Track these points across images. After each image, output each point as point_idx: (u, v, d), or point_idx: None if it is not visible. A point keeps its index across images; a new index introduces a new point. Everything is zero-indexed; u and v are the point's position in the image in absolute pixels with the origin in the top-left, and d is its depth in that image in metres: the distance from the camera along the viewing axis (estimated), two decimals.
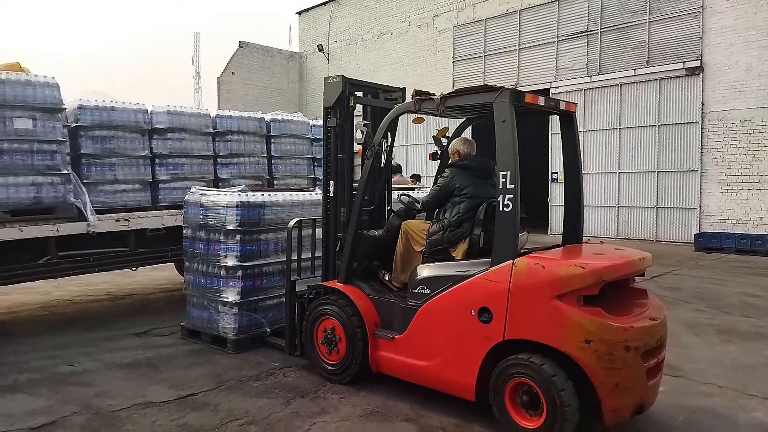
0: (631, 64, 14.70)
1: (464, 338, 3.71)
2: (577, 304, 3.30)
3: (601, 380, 3.24)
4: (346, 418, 3.86)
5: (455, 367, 3.77)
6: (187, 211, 5.76)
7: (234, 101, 20.96)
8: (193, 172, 7.17)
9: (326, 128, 4.75)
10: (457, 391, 3.82)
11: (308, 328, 4.64)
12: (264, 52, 23.22)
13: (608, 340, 3.23)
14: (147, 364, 5.02)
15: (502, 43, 17.38)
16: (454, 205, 4.16)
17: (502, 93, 3.67)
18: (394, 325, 4.19)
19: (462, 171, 4.26)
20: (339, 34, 22.60)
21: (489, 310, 3.56)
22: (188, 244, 5.72)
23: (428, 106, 4.16)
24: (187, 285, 5.79)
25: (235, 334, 5.29)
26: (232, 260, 5.28)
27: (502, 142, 3.63)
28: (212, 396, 4.25)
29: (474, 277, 3.70)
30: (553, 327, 3.33)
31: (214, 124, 7.47)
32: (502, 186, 3.59)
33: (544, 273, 3.40)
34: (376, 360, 4.25)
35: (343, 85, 4.62)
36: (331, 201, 4.75)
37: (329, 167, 4.77)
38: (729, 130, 13.16)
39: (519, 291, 3.45)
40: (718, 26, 13.25)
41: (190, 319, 5.76)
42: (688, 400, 4.22)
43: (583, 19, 15.56)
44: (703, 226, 13.52)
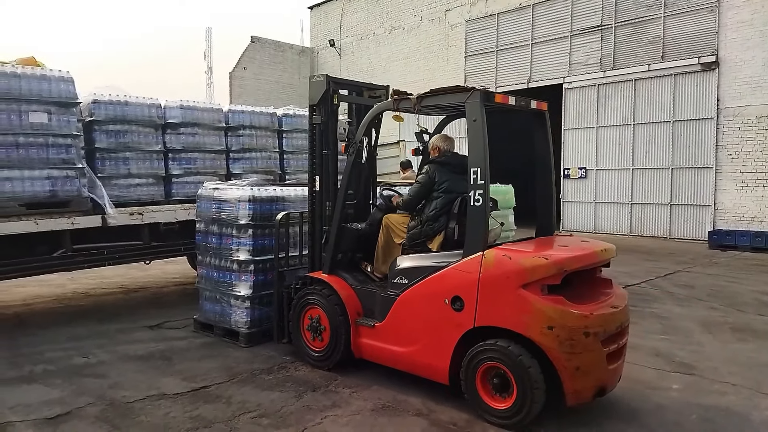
0: (645, 59, 14.53)
1: (438, 325, 3.93)
2: (541, 292, 3.53)
3: (562, 364, 3.47)
4: (358, 412, 3.87)
5: (430, 353, 3.99)
6: (200, 205, 5.77)
7: (246, 96, 21.00)
8: (205, 167, 7.22)
9: (311, 125, 4.93)
10: (433, 375, 4.03)
11: (295, 316, 4.85)
12: (276, 47, 23.23)
13: (569, 326, 3.46)
14: (160, 357, 5.07)
15: (514, 37, 17.26)
16: (431, 201, 4.36)
17: (473, 93, 3.87)
18: (375, 313, 4.40)
19: (440, 167, 4.44)
20: (350, 29, 22.56)
21: (461, 298, 3.79)
22: (201, 238, 5.74)
23: (406, 105, 4.37)
24: (199, 278, 5.81)
25: (247, 328, 5.31)
26: (244, 254, 5.29)
27: (473, 140, 3.84)
28: (225, 389, 4.28)
29: (447, 267, 3.91)
30: (518, 314, 3.57)
31: (226, 119, 7.51)
32: (473, 182, 3.80)
33: (511, 264, 3.64)
34: (358, 346, 4.46)
35: (326, 83, 4.80)
36: (316, 195, 4.91)
37: (315, 163, 4.93)
38: (745, 127, 12.99)
39: (488, 281, 3.68)
40: (735, 21, 13.06)
41: (202, 312, 5.78)
42: (702, 398, 4.19)
43: (597, 14, 15.40)
44: (717, 224, 13.37)
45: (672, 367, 4.85)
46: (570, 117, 16.07)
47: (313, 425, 3.66)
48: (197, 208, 5.82)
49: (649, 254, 11.70)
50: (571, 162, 16.07)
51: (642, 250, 12.34)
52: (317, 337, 4.68)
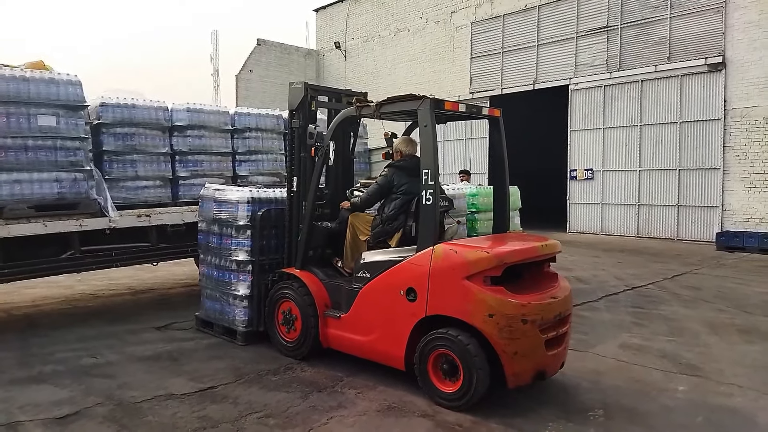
0: (651, 60, 14.49)
1: (395, 315, 4.24)
2: (483, 283, 3.84)
3: (502, 348, 3.79)
4: (363, 413, 3.89)
5: (388, 341, 4.31)
6: (202, 205, 5.85)
7: (252, 99, 21.09)
8: (212, 169, 7.27)
9: (290, 129, 5.21)
10: (390, 361, 4.34)
11: (269, 309, 5.14)
12: (282, 50, 23.32)
13: (507, 314, 3.77)
14: (168, 357, 5.11)
15: (520, 39, 17.24)
16: (391, 201, 4.67)
17: (424, 101, 4.22)
18: (342, 305, 4.69)
19: (399, 170, 4.72)
20: (356, 31, 22.62)
21: (414, 290, 4.10)
22: (203, 237, 5.83)
23: (367, 112, 4.67)
24: (201, 277, 5.93)
25: (244, 327, 5.41)
26: (242, 254, 5.38)
27: (424, 144, 4.16)
28: (231, 389, 4.31)
29: (403, 261, 4.24)
30: (463, 303, 3.88)
31: (232, 122, 7.56)
32: (424, 182, 4.12)
33: (456, 257, 3.96)
34: (326, 336, 4.75)
35: (305, 90, 5.10)
36: (294, 196, 5.16)
37: (293, 165, 5.18)
38: (752, 128, 12.92)
39: (437, 273, 3.99)
40: (742, 21, 13.01)
41: (203, 309, 5.91)
42: (709, 399, 4.18)
43: (603, 15, 15.37)
44: (725, 225, 13.31)
45: (678, 368, 4.84)
46: (576, 118, 16.03)
47: (319, 426, 3.68)
48: (199, 208, 5.91)
49: (656, 256, 11.65)
50: (577, 163, 16.03)
51: (649, 251, 12.29)
52: (290, 329, 4.97)
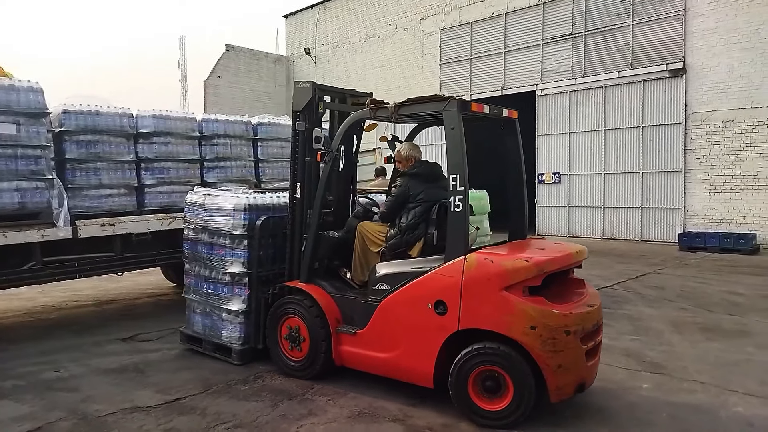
0: (615, 67, 14.86)
1: (422, 330, 3.97)
2: (523, 294, 3.65)
3: (545, 362, 3.59)
4: (334, 419, 3.87)
5: (414, 357, 4.03)
6: (188, 211, 5.47)
7: (221, 105, 20.88)
8: (179, 176, 7.15)
9: (294, 132, 4.88)
10: (416, 379, 4.07)
11: (272, 325, 4.79)
12: (251, 56, 23.17)
13: (550, 325, 3.58)
14: (134, 369, 5.00)
15: (488, 46, 17.49)
16: (409, 211, 4.43)
17: (450, 102, 3.96)
18: (356, 320, 4.41)
19: (414, 178, 4.52)
20: (326, 38, 22.62)
21: (444, 302, 3.84)
22: (189, 246, 5.44)
23: (382, 114, 4.40)
24: (187, 289, 5.52)
25: (240, 344, 5.01)
26: (238, 267, 4.98)
27: (452, 148, 3.93)
28: (199, 400, 4.24)
29: (429, 272, 3.97)
30: (501, 315, 3.66)
31: (200, 128, 7.46)
32: (452, 188, 3.87)
33: (493, 266, 3.74)
34: (340, 354, 4.45)
35: (312, 90, 4.78)
36: (297, 203, 4.83)
37: (296, 170, 4.86)
38: (712, 131, 13.34)
39: (471, 284, 3.75)
40: (701, 28, 13.44)
41: (190, 324, 5.51)
42: (672, 396, 4.28)
43: (568, 22, 15.71)
44: (687, 226, 13.69)
45: (643, 366, 4.95)
46: (543, 123, 16.31)
47: None
48: (186, 214, 5.51)
49: (621, 257, 11.91)
50: (545, 167, 16.31)
51: (614, 252, 12.56)
52: (295, 347, 4.63)
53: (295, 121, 4.85)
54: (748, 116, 12.84)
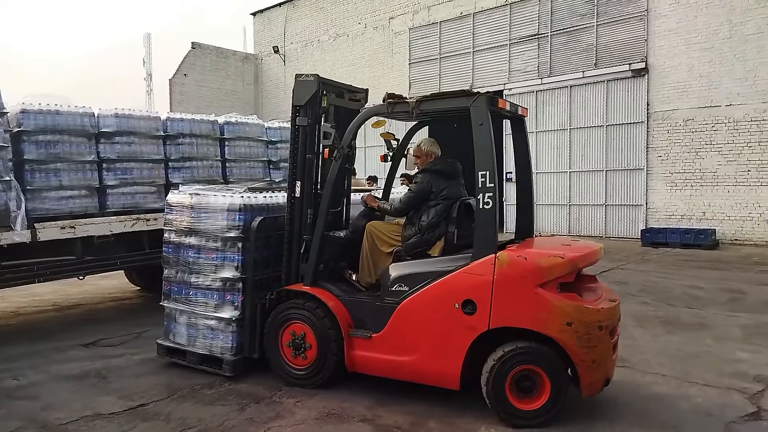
0: (580, 67, 15.13)
1: (448, 330, 3.85)
2: (557, 290, 3.66)
3: (580, 358, 3.61)
4: (302, 421, 3.85)
5: (438, 359, 3.90)
6: (170, 212, 5.04)
7: (187, 103, 20.54)
8: (142, 177, 7.00)
9: (295, 127, 4.62)
10: (441, 381, 3.96)
11: (271, 333, 4.50)
12: (218, 54, 22.84)
13: (586, 321, 3.60)
14: (96, 375, 4.89)
15: (456, 45, 17.61)
16: (430, 208, 4.29)
17: (479, 98, 3.91)
18: (368, 323, 4.23)
19: (436, 174, 4.38)
20: (295, 36, 22.46)
21: (473, 301, 3.75)
22: (171, 250, 5.01)
23: (401, 109, 4.21)
24: (167, 296, 5.08)
25: (233, 354, 4.68)
26: (231, 271, 4.67)
27: (481, 144, 3.87)
28: (164, 405, 4.17)
29: (456, 272, 3.86)
30: (537, 313, 3.63)
31: (164, 127, 7.31)
32: (481, 185, 3.80)
33: (527, 264, 3.71)
34: (352, 360, 4.25)
35: (317, 84, 4.54)
36: (296, 202, 4.60)
37: (296, 167, 4.63)
38: (673, 130, 13.70)
39: (503, 282, 3.69)
40: (662, 29, 13.78)
41: (170, 335, 5.05)
42: (635, 389, 4.38)
43: (534, 23, 15.92)
44: (649, 222, 14.04)
45: None
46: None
47: None
48: (167, 216, 5.09)
49: None
50: (513, 166, 16.47)
51: None
52: (299, 355, 4.39)
53: (296, 116, 4.61)
54: (707, 115, 13.22)
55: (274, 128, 8.82)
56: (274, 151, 8.70)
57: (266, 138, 8.58)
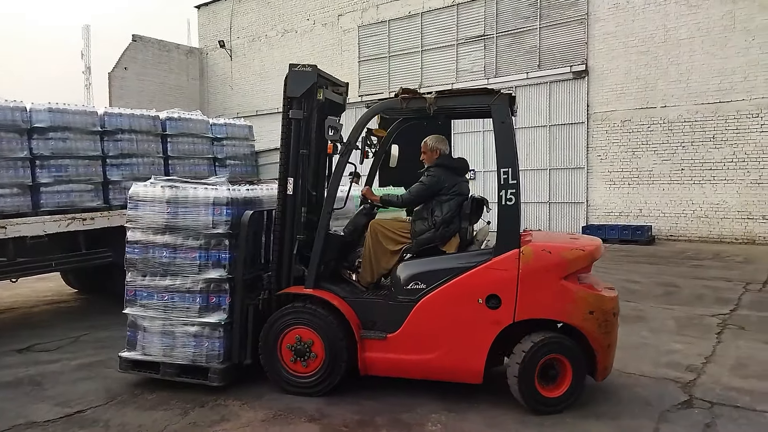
0: (523, 68, 15.52)
1: (471, 326, 3.90)
2: (578, 282, 3.90)
3: (599, 344, 3.86)
4: (248, 423, 3.78)
5: (461, 355, 3.94)
6: (135, 207, 4.49)
7: (128, 98, 19.81)
8: (78, 174, 6.70)
9: (287, 121, 4.37)
10: (463, 377, 4.02)
11: (270, 340, 4.21)
12: (160, 47, 22.14)
13: (604, 309, 3.88)
14: (30, 382, 4.65)
15: (405, 44, 17.72)
16: (442, 204, 4.27)
17: (500, 96, 4.01)
18: (379, 324, 4.12)
19: (447, 170, 4.39)
20: (241, 30, 22.03)
21: (497, 296, 3.84)
22: (138, 251, 4.47)
23: (416, 105, 4.17)
24: (130, 303, 4.53)
25: (220, 362, 4.30)
26: (218, 271, 4.30)
27: (503, 142, 3.98)
28: (102, 412, 4.01)
29: (477, 267, 3.91)
30: (563, 304, 3.83)
31: (102, 123, 7.02)
32: (504, 182, 3.93)
33: (552, 257, 3.87)
34: (365, 362, 4.12)
35: (315, 76, 4.32)
36: (288, 200, 4.34)
37: (288, 163, 4.37)
38: (611, 130, 14.25)
39: (529, 275, 3.81)
40: (601, 32, 14.31)
41: (137, 347, 4.49)
42: None
43: (480, 24, 16.21)
44: (590, 219, 14.57)
45: None
46: (458, 122, 16.67)
47: None
48: (132, 212, 4.51)
49: None
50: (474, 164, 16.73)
51: None
52: (303, 361, 4.15)
53: (289, 109, 4.34)
54: (643, 116, 13.82)
55: (220, 125, 8.63)
56: (219, 148, 8.51)
57: (211, 135, 8.39)
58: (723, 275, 8.87)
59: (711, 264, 10.24)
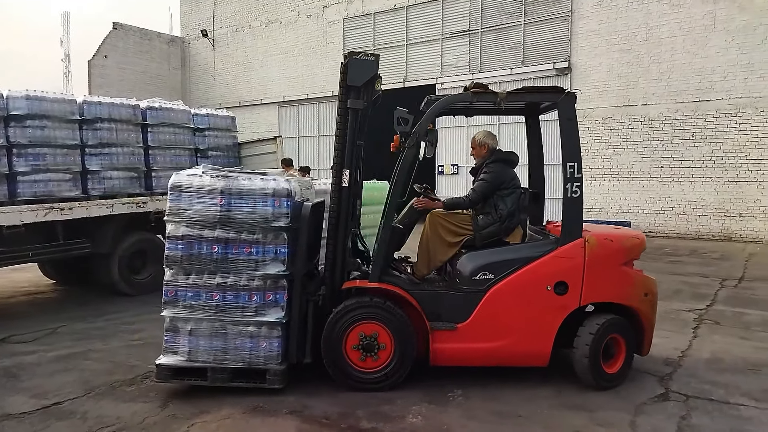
0: (508, 64, 15.58)
1: (540, 312, 4.16)
2: (633, 267, 4.32)
3: (650, 322, 4.36)
4: (228, 416, 3.76)
5: (531, 340, 4.18)
6: (179, 199, 4.06)
7: (108, 87, 19.48)
8: (57, 163, 6.59)
9: (344, 110, 4.25)
10: (532, 361, 4.26)
11: (336, 337, 4.09)
12: (141, 35, 21.80)
13: (653, 291, 4.42)
14: (5, 374, 4.57)
15: (390, 37, 17.67)
16: (505, 197, 4.43)
17: (567, 95, 4.30)
18: (445, 315, 4.21)
19: (505, 165, 4.58)
20: (225, 20, 21.77)
21: (565, 282, 4.13)
22: (183, 247, 4.05)
23: (486, 100, 4.34)
24: (172, 305, 4.09)
25: (279, 363, 4.09)
26: (276, 266, 4.07)
27: (569, 137, 4.25)
28: (80, 403, 3.96)
29: (544, 256, 4.18)
30: (623, 288, 4.27)
31: (81, 111, 6.92)
32: (570, 175, 4.21)
33: (614, 245, 4.29)
34: (435, 353, 4.16)
35: (377, 65, 4.22)
36: (344, 192, 4.24)
37: (344, 155, 4.24)
38: (593, 127, 14.38)
39: (594, 262, 4.15)
40: (585, 30, 14.41)
41: (179, 352, 4.08)
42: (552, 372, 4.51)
43: (466, 19, 16.22)
44: None
45: None
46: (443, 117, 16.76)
47: None
48: (173, 205, 4.07)
49: None
50: (444, 159, 16.81)
51: None
52: (370, 356, 4.11)
53: (347, 98, 4.22)
54: (624, 113, 13.97)
55: (202, 115, 8.55)
56: (201, 139, 8.43)
57: (193, 125, 8.30)
58: (700, 271, 9.03)
59: (688, 260, 10.41)
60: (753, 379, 4.47)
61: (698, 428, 3.63)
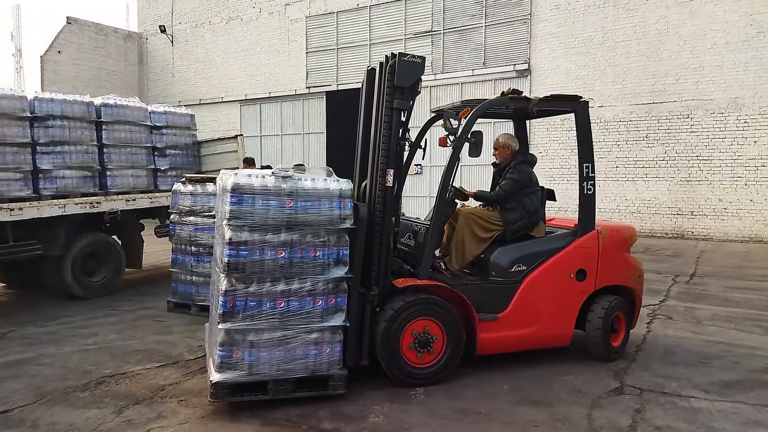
0: (470, 65, 15.74)
1: (565, 297, 4.70)
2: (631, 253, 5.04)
3: (640, 299, 5.08)
4: (186, 420, 3.68)
5: (557, 323, 4.69)
6: (240, 203, 3.75)
7: (62, 83, 18.81)
8: (6, 162, 6.35)
9: (389, 110, 4.26)
10: (557, 342, 4.78)
11: (394, 336, 4.14)
12: (97, 30, 21.12)
13: (642, 272, 5.10)
14: None
15: (353, 37, 17.61)
16: (528, 196, 4.84)
17: (584, 103, 4.85)
18: (485, 306, 4.51)
19: (528, 166, 5.01)
20: (183, 16, 21.30)
21: (584, 270, 4.71)
22: (245, 254, 3.74)
23: (519, 104, 4.72)
24: (230, 317, 3.74)
25: (340, 368, 4.01)
26: (340, 269, 3.93)
27: (584, 141, 4.81)
28: (30, 411, 3.82)
29: (568, 247, 4.72)
30: (626, 272, 4.96)
31: (31, 108, 6.67)
32: (585, 174, 4.77)
33: (619, 235, 4.99)
34: (481, 343, 4.47)
35: (423, 67, 4.36)
36: (388, 192, 4.24)
37: (389, 155, 4.25)
38: (552, 128, 14.67)
39: (606, 251, 4.77)
40: (543, 33, 14.68)
41: (237, 367, 3.76)
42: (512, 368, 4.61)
43: (428, 19, 16.32)
44: None
45: None
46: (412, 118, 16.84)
47: None
48: (234, 208, 3.74)
49: None
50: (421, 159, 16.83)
51: None
52: (425, 352, 4.22)
53: (393, 99, 4.24)
54: None
55: (159, 112, 8.35)
56: (159, 137, 8.24)
57: (150, 123, 8.10)
58: (653, 268, 9.31)
59: (642, 257, 10.61)
60: (704, 372, 4.64)
61: (652, 421, 3.74)
